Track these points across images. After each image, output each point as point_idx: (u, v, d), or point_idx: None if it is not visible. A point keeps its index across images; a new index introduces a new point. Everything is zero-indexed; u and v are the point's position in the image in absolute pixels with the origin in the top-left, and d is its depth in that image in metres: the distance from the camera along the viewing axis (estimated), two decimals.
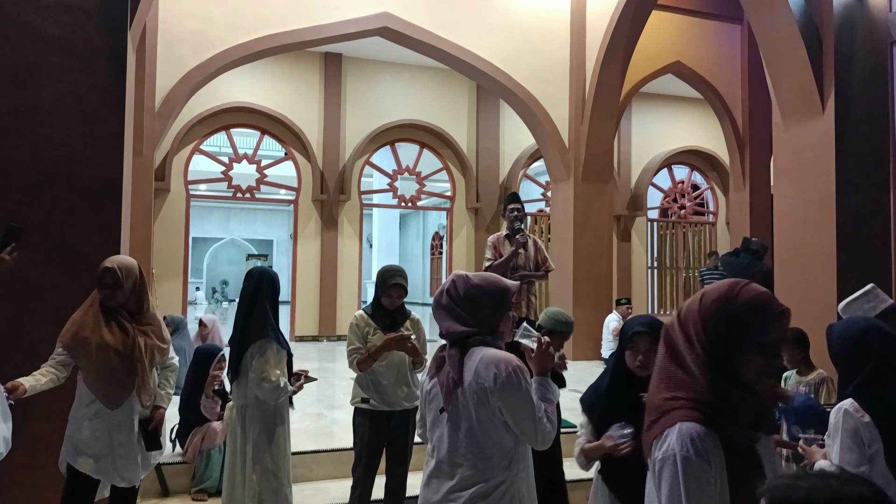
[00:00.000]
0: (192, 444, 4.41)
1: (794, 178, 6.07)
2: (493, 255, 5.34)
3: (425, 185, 12.80)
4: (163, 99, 8.47)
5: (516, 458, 2.05)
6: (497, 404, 1.99)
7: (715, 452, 1.35)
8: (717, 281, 6.04)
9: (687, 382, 1.42)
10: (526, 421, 2.00)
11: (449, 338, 2.15)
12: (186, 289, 11.19)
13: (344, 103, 11.85)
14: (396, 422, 3.55)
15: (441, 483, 2.06)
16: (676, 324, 1.50)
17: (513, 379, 1.98)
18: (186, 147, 11.01)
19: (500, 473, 2.02)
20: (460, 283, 2.14)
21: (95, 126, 4.26)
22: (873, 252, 5.72)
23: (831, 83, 5.73)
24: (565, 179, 9.65)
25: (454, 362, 2.08)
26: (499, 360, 2.01)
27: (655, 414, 1.44)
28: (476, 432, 2.02)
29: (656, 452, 1.40)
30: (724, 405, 1.39)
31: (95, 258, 3.36)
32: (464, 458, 2.03)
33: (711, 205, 14.33)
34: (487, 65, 9.25)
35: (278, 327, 3.40)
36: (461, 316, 2.12)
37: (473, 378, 2.02)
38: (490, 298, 2.12)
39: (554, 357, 2.22)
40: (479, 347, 2.08)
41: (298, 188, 11.76)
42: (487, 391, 1.99)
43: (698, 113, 13.33)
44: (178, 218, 10.91)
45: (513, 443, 2.04)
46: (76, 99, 4.24)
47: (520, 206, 5.47)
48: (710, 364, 1.40)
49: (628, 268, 13.20)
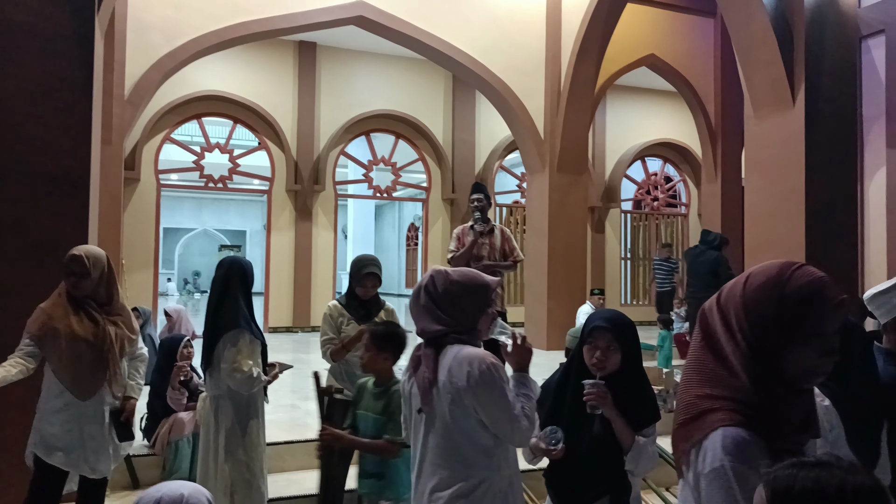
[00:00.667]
0: (159, 436, 4.37)
1: (765, 171, 6.16)
2: (455, 247, 5.33)
3: (401, 176, 12.76)
4: (132, 87, 8.30)
5: (497, 456, 2.02)
6: (471, 403, 1.96)
7: (763, 459, 1.18)
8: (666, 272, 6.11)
9: (725, 378, 1.24)
10: (501, 419, 1.96)
11: (424, 336, 2.12)
12: (157, 280, 11.04)
13: (318, 93, 11.74)
14: None
15: (425, 484, 2.04)
16: (715, 308, 1.30)
17: (486, 377, 1.94)
18: (157, 136, 10.82)
19: (479, 472, 1.99)
20: (439, 278, 2.09)
21: (62, 114, 4.17)
22: (841, 243, 5.84)
23: (801, 77, 5.81)
24: (540, 171, 9.68)
25: (429, 362, 2.04)
26: (472, 358, 1.97)
27: (689, 413, 1.26)
28: (452, 432, 2.00)
29: (700, 465, 1.22)
30: (768, 405, 1.22)
31: (63, 248, 3.29)
32: (443, 458, 2.01)
33: (684, 196, 14.51)
34: (464, 56, 9.23)
35: (253, 317, 3.37)
36: (438, 314, 2.07)
37: (447, 377, 1.99)
38: (470, 294, 2.08)
39: (532, 352, 2.17)
40: (453, 346, 2.03)
41: (272, 178, 11.64)
42: (461, 390, 1.95)
43: (672, 106, 13.46)
44: (149, 208, 10.74)
45: (492, 441, 2.01)
46: (42, 86, 4.14)
47: (481, 195, 5.44)
48: (752, 358, 1.23)
49: (602, 259, 13.32)
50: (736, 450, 1.17)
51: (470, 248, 5.21)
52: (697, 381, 1.27)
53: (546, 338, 9.31)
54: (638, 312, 13.16)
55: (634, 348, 2.36)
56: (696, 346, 1.31)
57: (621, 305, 13.44)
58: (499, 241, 5.32)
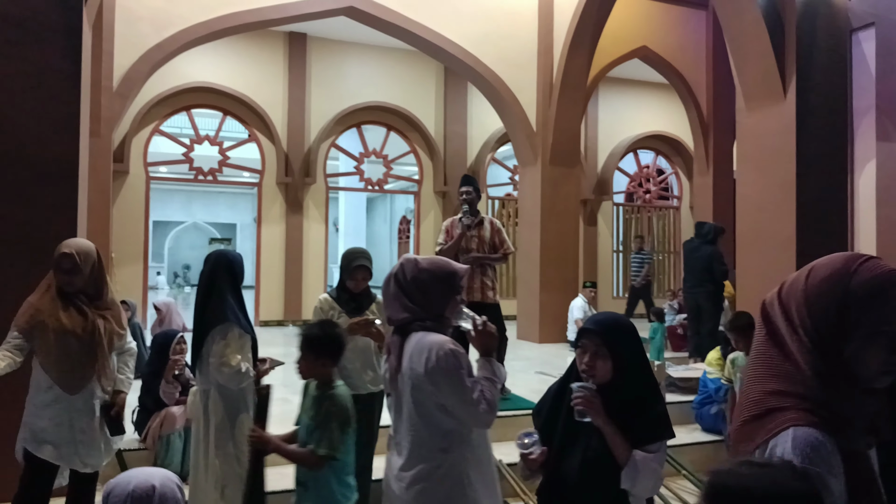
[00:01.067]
0: (150, 430, 4.34)
1: (756, 163, 6.18)
2: (444, 240, 5.32)
3: (392, 169, 12.71)
4: (121, 78, 8.22)
5: (457, 441, 2.07)
6: (430, 389, 2.03)
7: (835, 463, 1.12)
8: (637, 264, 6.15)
9: (792, 374, 1.17)
10: (458, 404, 2.02)
11: (391, 324, 2.20)
12: (147, 273, 10.97)
13: (309, 84, 11.67)
14: (362, 405, 3.51)
15: (395, 464, 2.15)
16: (776, 302, 1.24)
17: (443, 363, 2.00)
18: (146, 128, 10.73)
19: (437, 456, 2.06)
20: (409, 266, 2.17)
21: (50, 106, 4.12)
22: (832, 235, 5.86)
23: (793, 70, 5.82)
24: (533, 163, 9.67)
25: (395, 349, 2.14)
26: (431, 345, 2.04)
27: (754, 410, 1.19)
28: (413, 416, 2.08)
29: None
30: (837, 405, 1.15)
31: (51, 241, 3.26)
32: (407, 441, 2.10)
33: (676, 189, 14.53)
34: (455, 47, 9.19)
35: (243, 310, 3.34)
36: (405, 302, 2.14)
37: (408, 363, 2.07)
38: (438, 282, 2.15)
39: (496, 336, 2.19)
40: (417, 333, 2.10)
41: (262, 171, 11.57)
42: (420, 376, 2.03)
43: (664, 98, 13.46)
44: (138, 201, 10.66)
45: (453, 426, 2.07)
46: (30, 77, 4.09)
47: (470, 188, 5.42)
48: (817, 355, 1.16)
49: (594, 251, 13.33)
50: (809, 451, 1.10)
51: (458, 241, 5.19)
52: (764, 376, 1.21)
53: (538, 331, 9.33)
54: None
55: (629, 356, 2.09)
56: (760, 341, 1.24)
57: (613, 298, 13.48)
58: (488, 234, 5.31)
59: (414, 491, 2.05)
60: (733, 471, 1.02)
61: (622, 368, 2.07)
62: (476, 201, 5.40)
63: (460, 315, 2.21)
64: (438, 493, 2.05)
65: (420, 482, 2.04)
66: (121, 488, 1.73)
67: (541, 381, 6.26)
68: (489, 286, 5.25)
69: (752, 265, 6.12)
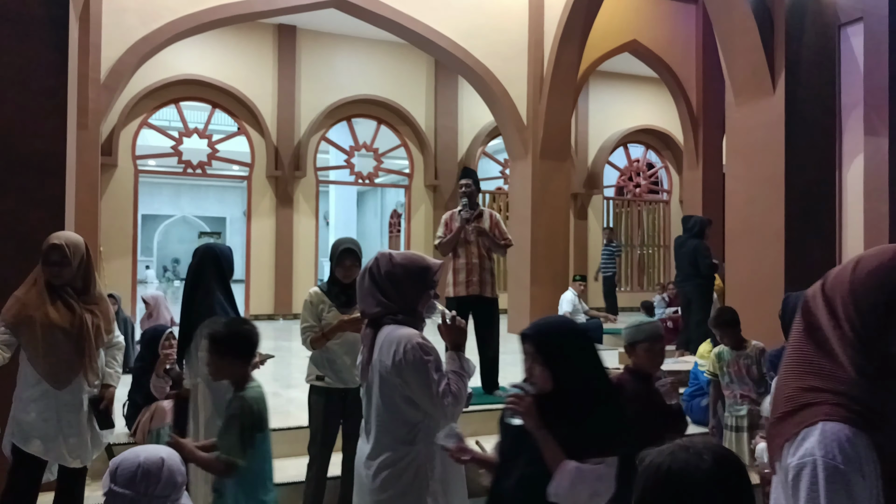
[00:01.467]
0: (140, 425, 4.33)
1: (746, 157, 6.20)
2: (443, 233, 5.30)
3: (383, 162, 12.69)
4: (108, 70, 8.14)
5: (423, 433, 2.14)
6: (397, 381, 2.10)
7: (868, 461, 1.07)
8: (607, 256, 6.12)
9: (829, 369, 1.14)
10: (424, 397, 2.09)
11: (364, 317, 2.28)
12: (136, 267, 10.91)
13: (298, 77, 11.61)
14: (352, 399, 3.48)
15: (364, 452, 2.23)
16: (820, 295, 1.19)
17: (410, 356, 2.06)
18: (134, 121, 10.65)
19: (402, 447, 2.13)
20: (383, 261, 2.23)
21: (37, 98, 4.08)
22: (820, 228, 5.90)
23: (782, 64, 5.85)
24: (523, 157, 9.67)
25: (367, 341, 2.22)
26: (400, 338, 2.10)
27: (788, 406, 1.16)
28: (380, 407, 2.16)
29: (789, 458, 1.12)
30: (877, 402, 1.11)
31: (38, 235, 3.23)
32: (377, 430, 2.18)
33: (666, 183, 14.59)
34: (446, 40, 9.16)
35: (233, 304, 3.33)
36: (378, 296, 2.20)
37: (377, 356, 2.15)
38: (411, 277, 2.21)
39: (465, 331, 2.25)
40: (389, 326, 2.17)
41: (252, 164, 11.51)
42: (388, 369, 2.10)
43: (654, 92, 13.48)
44: (127, 194, 10.59)
45: (420, 417, 2.13)
46: (16, 69, 4.04)
47: (469, 181, 5.40)
48: (861, 350, 1.11)
49: (584, 245, 13.37)
50: (835, 447, 1.06)
51: (457, 234, 5.18)
52: (799, 372, 1.17)
53: (529, 324, 9.34)
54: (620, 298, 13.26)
55: (566, 362, 1.92)
56: (798, 337, 1.20)
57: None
58: (487, 226, 5.30)
59: (379, 479, 2.13)
60: (662, 451, 1.12)
61: (559, 375, 1.92)
62: (476, 194, 5.40)
63: (433, 309, 2.28)
64: (402, 481, 2.11)
65: (384, 470, 2.12)
66: (129, 461, 1.79)
67: None
68: (488, 281, 5.24)
69: (741, 258, 6.16)
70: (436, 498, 2.15)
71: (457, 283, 5.21)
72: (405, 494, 2.12)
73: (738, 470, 1.13)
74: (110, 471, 1.79)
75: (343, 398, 3.51)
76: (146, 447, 1.88)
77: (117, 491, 1.76)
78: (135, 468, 1.77)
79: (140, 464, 1.78)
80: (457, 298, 5.17)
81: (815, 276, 1.32)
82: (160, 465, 1.80)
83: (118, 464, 1.79)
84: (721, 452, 1.14)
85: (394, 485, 2.11)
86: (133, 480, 1.76)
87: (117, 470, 1.78)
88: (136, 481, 1.76)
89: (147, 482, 1.77)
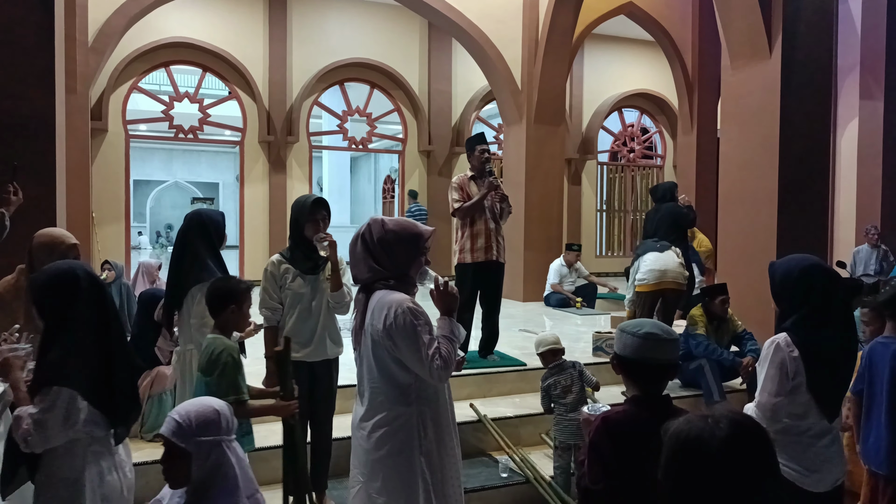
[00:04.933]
0: (141, 389, 4.34)
1: (740, 122, 6.18)
2: (460, 197, 5.19)
3: (376, 128, 12.58)
4: (96, 33, 8.00)
5: (415, 395, 2.19)
6: (388, 344, 2.15)
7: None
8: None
9: None
10: (414, 360, 2.13)
11: (357, 282, 2.32)
12: (129, 233, 10.86)
13: (290, 40, 11.43)
14: (320, 371, 3.41)
15: (357, 410, 2.30)
16: None
17: (400, 320, 2.11)
18: (124, 85, 10.50)
19: (396, 408, 2.19)
20: (375, 227, 2.26)
21: (24, 61, 4.01)
22: (813, 193, 5.92)
23: (779, 27, 5.79)
24: (518, 122, 9.61)
25: (360, 306, 2.27)
26: (391, 302, 2.15)
27: None
28: (374, 370, 2.21)
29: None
30: None
31: (29, 201, 3.21)
32: (369, 393, 2.24)
33: (660, 148, 14.53)
34: (439, 2, 9.01)
35: (224, 270, 3.31)
36: (370, 262, 2.23)
37: (369, 320, 2.20)
38: (403, 243, 2.24)
39: (457, 296, 2.28)
40: (380, 291, 2.22)
41: (244, 129, 11.40)
42: (379, 332, 2.15)
43: (649, 56, 13.34)
44: (118, 159, 10.49)
45: (412, 379, 2.19)
46: (1, 32, 3.96)
47: (488, 146, 5.35)
48: None
49: (578, 211, 13.37)
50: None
51: (482, 199, 5.12)
52: None
53: (522, 289, 9.40)
54: (613, 264, 13.34)
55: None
56: None
57: (596, 257, 13.59)
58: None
59: (373, 439, 2.19)
60: (684, 419, 1.24)
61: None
62: (492, 160, 5.37)
63: (425, 275, 2.32)
64: (394, 441, 2.17)
65: (379, 429, 2.18)
66: (203, 410, 1.87)
67: (525, 338, 6.34)
68: (503, 246, 5.26)
69: (734, 223, 6.18)
70: (430, 457, 2.20)
71: (475, 249, 5.12)
72: (400, 452, 2.17)
73: (755, 434, 1.21)
74: (181, 427, 1.81)
75: (310, 370, 3.38)
76: (193, 400, 1.94)
77: (204, 440, 1.81)
78: (213, 414, 1.86)
79: (216, 409, 1.87)
80: (475, 264, 5.12)
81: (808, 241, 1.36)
82: (226, 408, 1.92)
83: (189, 417, 1.83)
84: (738, 419, 1.21)
85: (388, 443, 2.17)
86: (217, 425, 1.85)
87: (193, 422, 1.82)
88: (220, 425, 1.86)
89: (228, 423, 1.89)
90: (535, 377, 5.24)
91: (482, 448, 4.32)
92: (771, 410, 2.39)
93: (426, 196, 12.38)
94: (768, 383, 2.42)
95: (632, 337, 1.95)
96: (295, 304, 3.36)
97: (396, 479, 2.16)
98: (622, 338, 1.99)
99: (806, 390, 2.40)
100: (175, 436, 1.81)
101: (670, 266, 5.26)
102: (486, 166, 5.22)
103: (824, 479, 2.44)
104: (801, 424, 2.43)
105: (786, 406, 2.41)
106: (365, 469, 2.22)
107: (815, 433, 2.44)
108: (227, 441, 1.88)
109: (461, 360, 2.91)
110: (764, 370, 2.45)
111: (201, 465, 1.82)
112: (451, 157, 12.45)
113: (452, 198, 5.21)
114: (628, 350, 1.96)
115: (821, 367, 2.39)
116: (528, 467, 3.96)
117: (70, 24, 6.83)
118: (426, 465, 2.19)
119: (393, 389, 2.19)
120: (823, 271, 2.48)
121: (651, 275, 5.25)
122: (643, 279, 5.30)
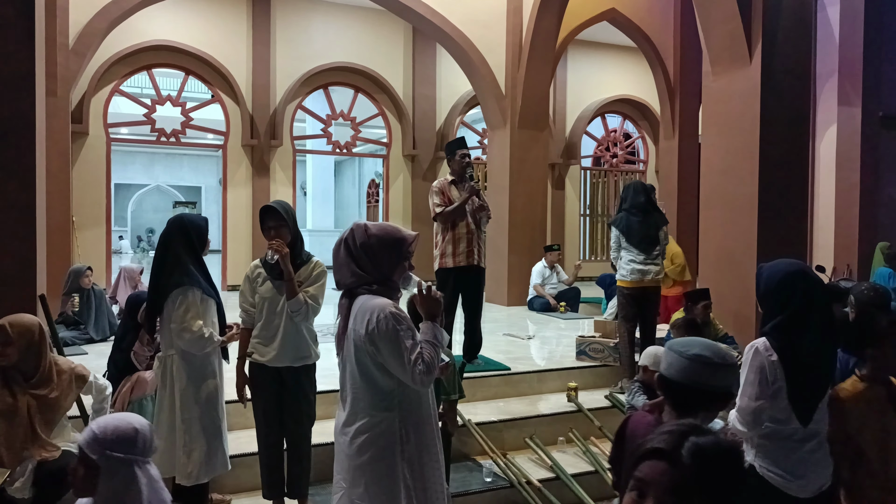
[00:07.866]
0: (120, 395, 4.29)
1: (721, 127, 6.25)
2: (441, 201, 5.20)
3: (360, 132, 12.55)
4: (77, 35, 7.92)
5: (397, 400, 2.19)
6: (370, 349, 2.14)
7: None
8: None
9: None
10: (397, 365, 2.12)
11: (339, 287, 2.31)
12: (110, 237, 10.76)
13: (274, 43, 11.38)
14: (287, 377, 3.39)
15: (340, 419, 2.29)
16: None
17: (382, 325, 2.11)
18: (105, 88, 10.40)
19: (378, 413, 2.19)
20: (358, 232, 2.25)
21: (3, 63, 3.96)
22: (793, 198, 5.98)
23: (759, 33, 5.86)
24: (502, 127, 9.64)
25: (343, 311, 2.27)
26: (374, 307, 2.15)
27: None
28: (356, 375, 2.21)
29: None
30: None
31: (10, 205, 3.16)
32: (351, 398, 2.24)
33: (642, 153, 14.65)
34: (423, 6, 9.03)
35: (205, 274, 3.29)
36: (353, 267, 2.23)
37: (352, 325, 2.20)
38: (386, 248, 2.24)
39: (440, 301, 2.28)
40: (363, 296, 2.22)
41: (227, 132, 11.33)
42: (362, 337, 2.15)
43: (632, 62, 13.45)
44: (99, 163, 10.38)
45: (394, 385, 2.18)
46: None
47: (468, 151, 5.39)
48: None
49: (562, 215, 13.43)
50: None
51: (463, 204, 5.14)
52: None
53: (507, 293, 9.42)
54: (597, 268, 13.39)
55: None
56: None
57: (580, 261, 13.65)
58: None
59: (355, 445, 2.19)
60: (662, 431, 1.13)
61: None
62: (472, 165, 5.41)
63: (408, 280, 2.33)
64: (376, 447, 2.17)
65: (361, 435, 2.18)
66: (122, 426, 1.85)
67: (509, 342, 6.35)
68: (482, 249, 5.29)
69: (715, 227, 6.24)
70: (411, 463, 2.19)
71: (457, 254, 5.15)
72: (382, 458, 2.17)
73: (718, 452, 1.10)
74: (95, 438, 1.79)
75: (278, 376, 3.39)
76: (117, 414, 1.91)
77: (114, 456, 1.78)
78: (132, 432, 1.82)
79: (136, 427, 1.84)
80: (456, 268, 5.15)
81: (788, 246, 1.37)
82: (146, 428, 1.89)
83: (105, 430, 1.80)
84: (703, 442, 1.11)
85: (370, 449, 2.17)
86: (132, 443, 1.82)
87: (108, 436, 1.79)
88: (135, 444, 1.83)
89: (144, 444, 1.86)
90: (520, 381, 5.27)
91: (466, 452, 4.33)
92: (752, 415, 2.40)
93: (410, 200, 12.37)
94: (748, 388, 2.43)
95: (678, 357, 1.82)
96: (262, 307, 3.40)
97: (378, 485, 2.16)
98: (668, 356, 1.89)
99: (786, 396, 2.41)
100: (88, 446, 1.79)
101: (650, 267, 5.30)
102: (467, 171, 5.25)
103: (809, 484, 2.43)
104: (785, 429, 2.43)
105: (767, 410, 2.41)
106: (347, 475, 2.21)
107: (799, 438, 2.43)
108: (141, 462, 1.84)
109: (445, 366, 2.90)
110: (743, 375, 2.47)
111: (108, 480, 1.79)
112: (436, 161, 12.46)
113: (434, 202, 5.23)
114: (673, 370, 1.83)
115: (798, 372, 2.41)
116: (512, 472, 3.96)
117: (51, 25, 6.76)
118: (408, 471, 2.18)
119: (375, 395, 2.19)
120: (805, 277, 2.48)
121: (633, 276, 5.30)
122: (623, 276, 5.36)
